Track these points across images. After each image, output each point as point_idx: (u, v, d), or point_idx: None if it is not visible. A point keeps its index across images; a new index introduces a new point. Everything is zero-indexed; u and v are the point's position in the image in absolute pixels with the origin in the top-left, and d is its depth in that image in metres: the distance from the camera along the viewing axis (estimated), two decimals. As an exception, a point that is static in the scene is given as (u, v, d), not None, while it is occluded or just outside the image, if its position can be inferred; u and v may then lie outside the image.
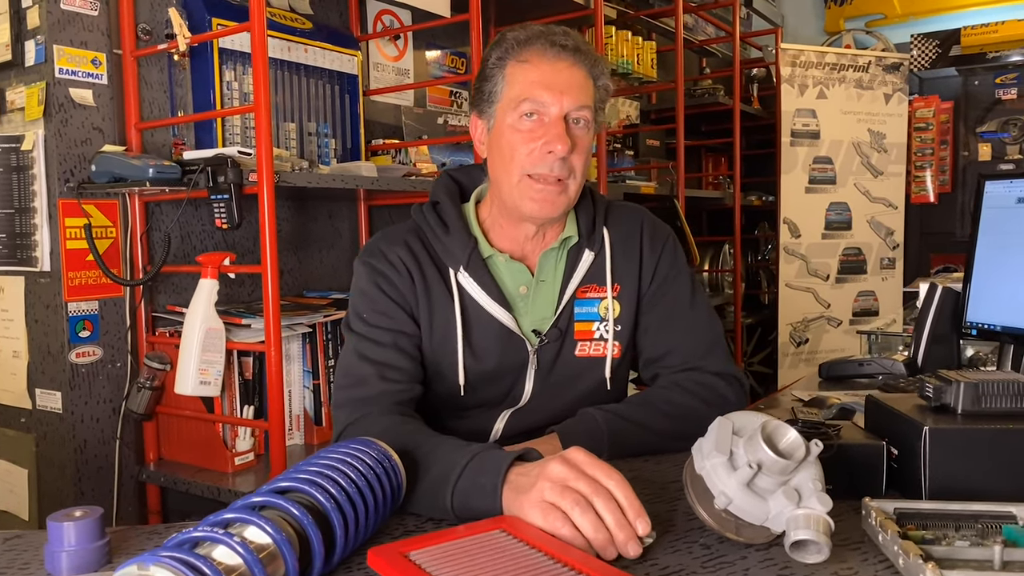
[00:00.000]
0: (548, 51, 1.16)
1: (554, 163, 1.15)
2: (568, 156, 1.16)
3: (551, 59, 1.16)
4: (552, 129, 1.14)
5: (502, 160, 1.19)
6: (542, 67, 1.15)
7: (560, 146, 1.13)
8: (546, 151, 1.14)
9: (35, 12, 1.83)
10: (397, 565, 0.72)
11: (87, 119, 1.88)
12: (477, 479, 0.89)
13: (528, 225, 1.23)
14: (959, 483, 0.90)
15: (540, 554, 0.75)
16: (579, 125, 1.17)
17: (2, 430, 2.05)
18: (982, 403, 0.95)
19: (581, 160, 1.18)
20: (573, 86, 1.16)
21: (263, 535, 0.67)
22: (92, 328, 1.90)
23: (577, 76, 1.17)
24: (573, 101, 1.15)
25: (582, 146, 1.18)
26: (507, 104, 1.17)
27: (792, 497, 0.78)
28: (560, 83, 1.15)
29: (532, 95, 1.15)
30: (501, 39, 1.19)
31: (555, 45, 1.16)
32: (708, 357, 1.26)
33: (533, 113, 1.15)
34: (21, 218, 1.89)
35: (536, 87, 1.15)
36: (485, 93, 1.20)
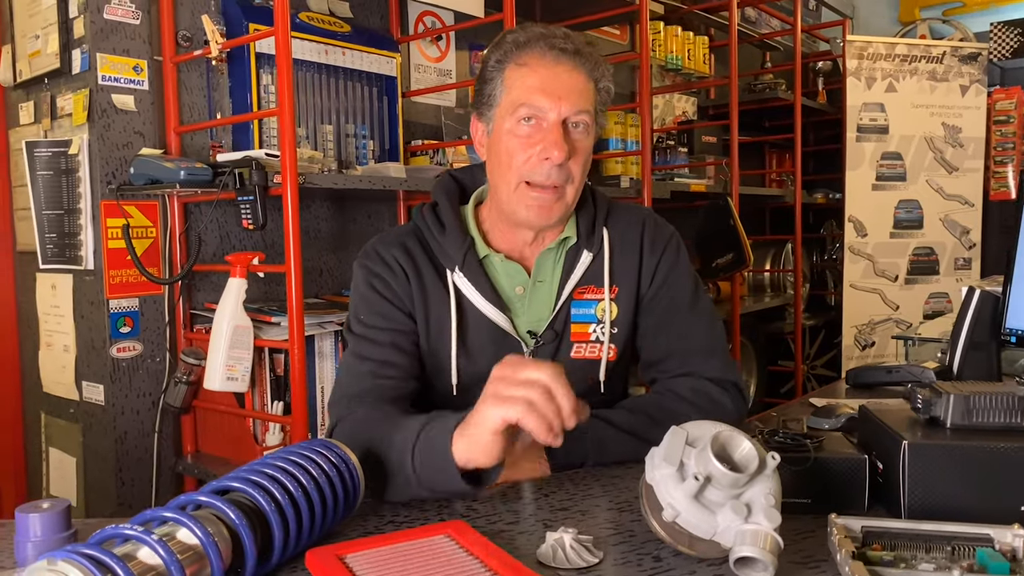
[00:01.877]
0: (547, 55, 1.14)
1: (551, 170, 1.14)
2: (566, 162, 1.14)
3: (550, 63, 1.14)
4: (549, 135, 1.13)
5: (499, 165, 1.18)
6: (541, 71, 1.14)
7: (557, 152, 1.12)
8: (543, 157, 1.13)
9: (80, 22, 1.92)
10: (329, 567, 0.73)
11: (128, 124, 1.96)
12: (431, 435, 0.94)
13: (525, 230, 1.22)
14: (941, 502, 0.86)
15: (476, 562, 0.74)
16: (578, 129, 1.16)
17: (55, 420, 2.15)
18: (973, 417, 0.90)
19: (579, 165, 1.17)
20: (572, 91, 1.14)
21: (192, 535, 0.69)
22: (133, 324, 1.98)
23: (577, 80, 1.15)
24: (572, 106, 1.13)
25: (581, 151, 1.16)
26: (505, 108, 1.16)
27: (740, 512, 0.76)
28: (559, 88, 1.13)
29: (530, 100, 1.13)
30: (501, 41, 1.18)
31: (554, 48, 1.14)
32: (706, 363, 1.22)
33: (531, 118, 1.14)
34: (69, 219, 1.99)
35: (534, 92, 1.13)
36: (484, 96, 1.19)
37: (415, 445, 0.94)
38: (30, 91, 2.11)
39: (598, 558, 0.80)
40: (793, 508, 0.92)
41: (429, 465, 0.92)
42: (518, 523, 0.91)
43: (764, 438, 0.97)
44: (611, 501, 0.98)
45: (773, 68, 4.30)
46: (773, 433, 0.97)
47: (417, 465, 0.93)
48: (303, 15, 2.24)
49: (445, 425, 0.93)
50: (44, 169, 2.00)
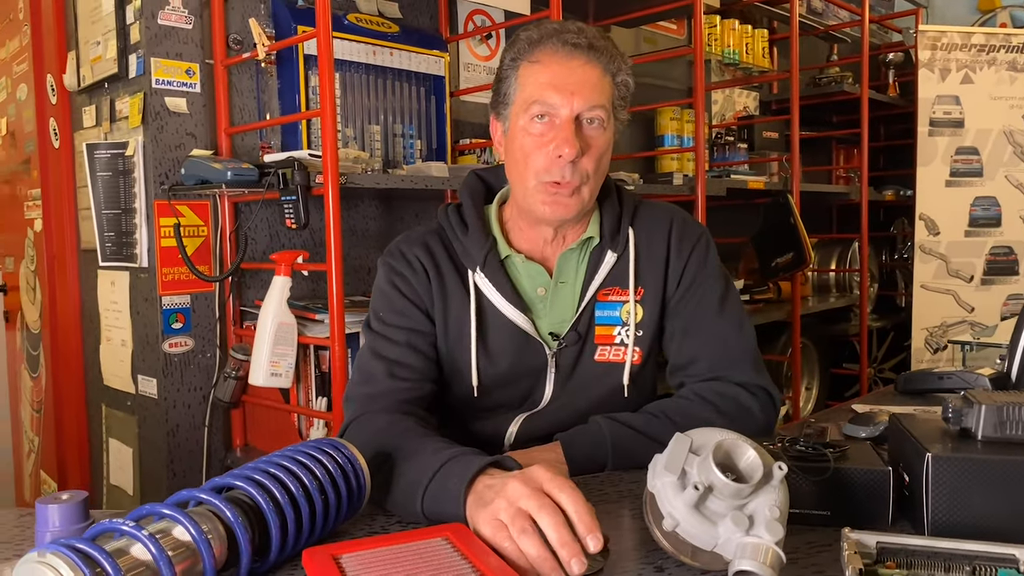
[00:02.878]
0: (560, 50, 1.13)
1: (564, 168, 1.12)
2: (579, 159, 1.12)
3: (563, 58, 1.13)
4: (561, 133, 1.11)
5: (515, 164, 1.17)
6: (553, 67, 1.13)
7: (568, 149, 1.10)
8: (555, 155, 1.12)
9: (136, 28, 1.98)
10: (322, 567, 0.73)
11: (181, 125, 2.02)
12: (447, 483, 0.89)
13: (545, 227, 1.21)
14: (968, 519, 0.81)
15: (469, 567, 0.73)
16: (593, 125, 1.14)
17: (113, 411, 2.24)
18: (1006, 429, 0.85)
19: (594, 162, 1.15)
20: (585, 85, 1.12)
21: (186, 532, 0.70)
22: (184, 320, 2.04)
23: (590, 74, 1.13)
24: (584, 101, 1.12)
25: (596, 147, 1.14)
26: (519, 106, 1.15)
27: (741, 523, 0.73)
28: (571, 83, 1.12)
29: (542, 96, 1.12)
30: (515, 39, 1.17)
31: (567, 44, 1.12)
32: (734, 367, 1.19)
33: (544, 115, 1.13)
34: (125, 218, 2.06)
35: (546, 88, 1.12)
36: (500, 95, 1.19)
37: (428, 486, 0.89)
38: (92, 95, 2.19)
39: (599, 566, 0.79)
40: (812, 520, 0.89)
41: (438, 509, 0.88)
42: (525, 527, 0.90)
43: (784, 446, 0.93)
44: (624, 508, 0.96)
45: (839, 61, 4.16)
46: (794, 441, 0.93)
47: (426, 507, 0.89)
48: (351, 16, 2.26)
49: (463, 473, 0.87)
50: (103, 170, 2.07)
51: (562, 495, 0.78)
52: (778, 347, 3.56)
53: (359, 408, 1.13)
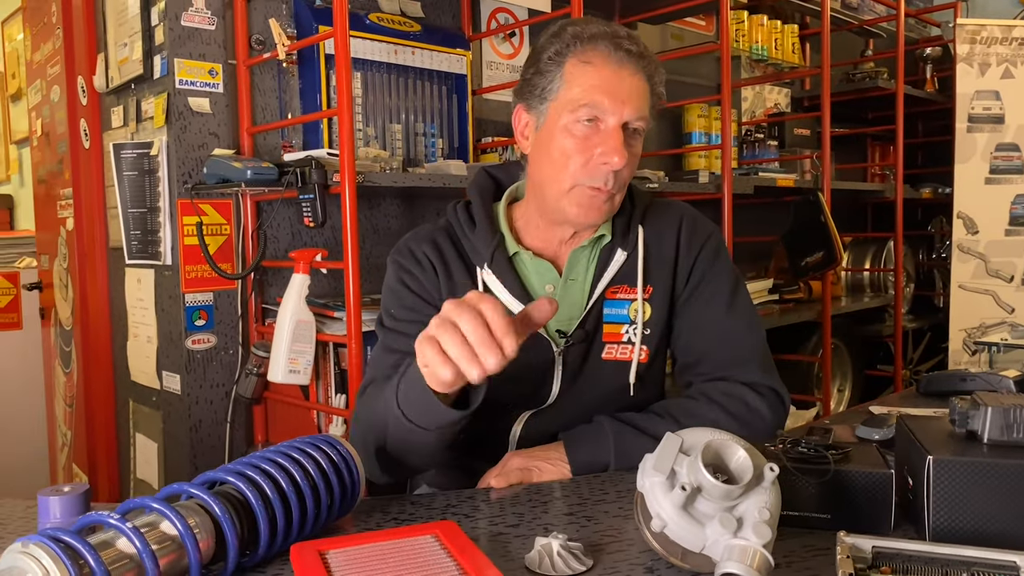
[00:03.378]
0: (613, 55, 1.11)
1: (608, 175, 1.11)
2: (621, 168, 1.12)
3: (616, 64, 1.11)
4: (610, 140, 1.10)
5: (551, 163, 1.15)
6: (605, 72, 1.11)
7: (618, 159, 1.10)
8: (601, 162, 1.11)
9: (161, 29, 2.02)
10: (308, 562, 0.73)
11: (204, 125, 2.05)
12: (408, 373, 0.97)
13: (566, 228, 1.20)
14: (970, 525, 0.79)
15: (454, 566, 0.73)
16: (635, 135, 1.14)
17: (140, 407, 2.28)
18: (1013, 432, 0.82)
19: (630, 169, 1.15)
20: (635, 95, 1.11)
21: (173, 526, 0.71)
22: (207, 317, 2.07)
23: (639, 85, 1.12)
24: (634, 111, 1.11)
25: (634, 156, 1.15)
26: (563, 104, 1.13)
27: (729, 525, 0.72)
28: (623, 91, 1.10)
29: (593, 100, 1.10)
30: (561, 32, 1.15)
31: (620, 49, 1.11)
32: (743, 366, 1.17)
33: (592, 119, 1.11)
34: (150, 216, 2.09)
35: (598, 92, 1.10)
36: (537, 88, 1.16)
37: (398, 388, 0.96)
38: (120, 96, 2.23)
39: (586, 566, 0.78)
40: (812, 523, 0.87)
41: (413, 403, 0.94)
42: (519, 526, 0.89)
43: (786, 447, 0.91)
44: (621, 508, 0.95)
45: (874, 56, 4.08)
46: (796, 443, 0.91)
47: (404, 407, 0.95)
48: (373, 16, 2.27)
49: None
50: (129, 169, 2.11)
51: (483, 304, 0.85)
52: (808, 348, 3.50)
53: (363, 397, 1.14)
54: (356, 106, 2.23)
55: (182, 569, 0.70)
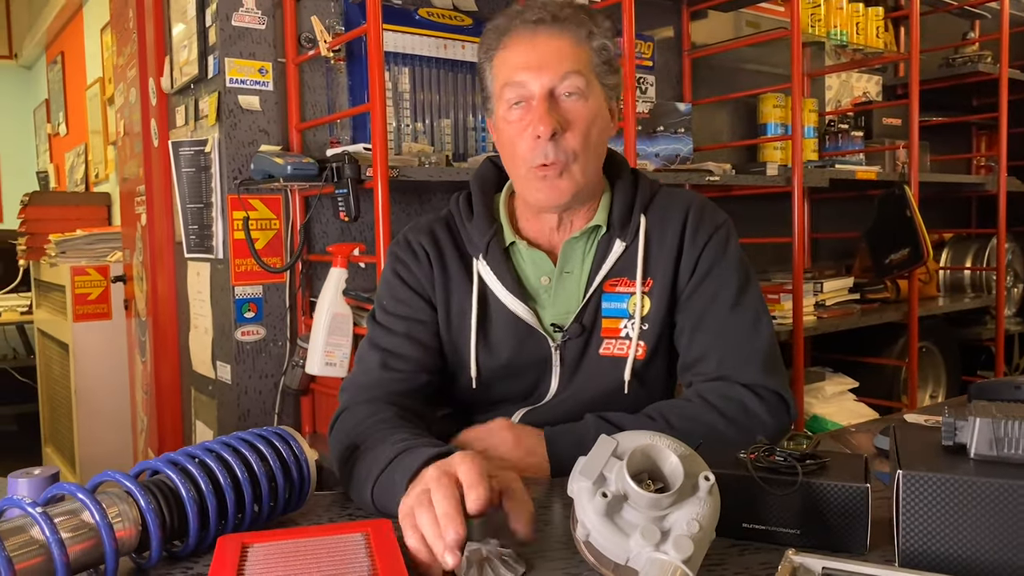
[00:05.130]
0: (523, 30, 1.10)
1: (546, 148, 1.07)
2: (561, 136, 1.08)
3: (527, 37, 1.10)
4: (535, 112, 1.08)
5: (505, 155, 1.16)
6: (518, 49, 1.10)
7: (543, 128, 1.06)
8: (534, 136, 1.07)
9: (213, 30, 2.08)
10: (225, 554, 0.73)
11: (254, 123, 2.10)
12: (394, 475, 0.87)
13: (550, 216, 1.17)
14: (944, 549, 0.71)
15: (366, 568, 0.71)
16: (572, 98, 1.09)
17: (199, 395, 2.36)
18: (1003, 447, 0.73)
19: (580, 137, 1.09)
20: (551, 58, 1.08)
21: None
22: (256, 310, 2.13)
23: (558, 45, 1.08)
24: (554, 73, 1.07)
25: (579, 120, 1.09)
26: (497, 96, 1.13)
27: (651, 537, 0.66)
28: (536, 59, 1.08)
29: (511, 80, 1.10)
30: (485, 32, 1.16)
31: (528, 23, 1.10)
32: (744, 367, 1.09)
33: (520, 100, 1.09)
34: (206, 212, 2.16)
35: (514, 71, 1.09)
36: (484, 90, 1.18)
37: (378, 477, 0.89)
38: (183, 96, 2.32)
39: (515, 574, 0.74)
40: (779, 539, 0.80)
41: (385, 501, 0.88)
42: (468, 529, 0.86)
43: (759, 455, 0.84)
44: (567, 515, 0.90)
45: (979, 39, 3.79)
46: (770, 451, 0.84)
47: (376, 498, 0.89)
48: (422, 11, 2.27)
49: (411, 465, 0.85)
50: (187, 166, 2.19)
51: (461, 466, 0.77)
52: (895, 351, 3.29)
53: (348, 398, 1.13)
54: (404, 101, 2.24)
55: (98, 557, 0.71)
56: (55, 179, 5.23)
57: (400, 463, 0.87)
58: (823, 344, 3.36)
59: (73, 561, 0.69)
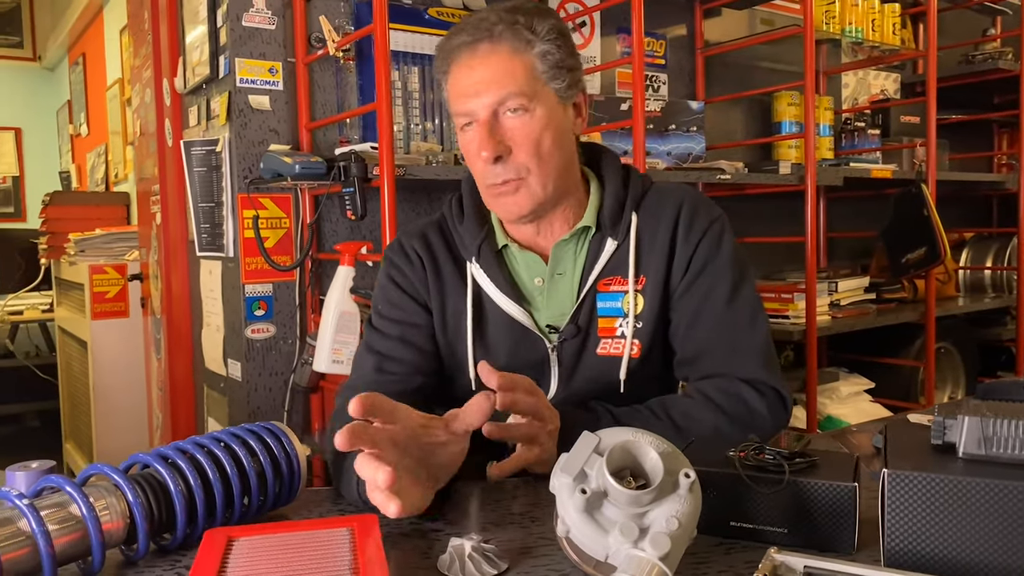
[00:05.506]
0: (463, 51, 1.08)
1: (494, 169, 1.08)
2: (508, 156, 1.08)
3: (467, 58, 1.08)
4: (475, 136, 1.08)
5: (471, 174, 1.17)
6: (459, 74, 1.09)
7: (485, 153, 1.06)
8: (482, 160, 1.08)
9: (224, 30, 2.10)
10: (209, 547, 0.73)
11: (264, 122, 2.12)
12: None
13: (522, 225, 1.17)
14: (930, 549, 0.70)
15: (347, 563, 0.71)
16: (516, 115, 1.07)
17: (211, 392, 2.39)
18: (992, 446, 0.72)
19: (527, 152, 1.08)
20: (488, 79, 1.06)
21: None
22: (266, 308, 2.14)
23: (495, 63, 1.06)
24: (492, 96, 1.06)
25: (526, 135, 1.07)
26: (455, 119, 1.14)
27: (630, 534, 0.66)
28: (475, 83, 1.07)
29: (457, 108, 1.10)
30: (436, 52, 1.15)
31: (466, 44, 1.08)
32: (742, 363, 1.09)
33: (470, 121, 1.09)
34: (217, 210, 2.19)
35: (458, 97, 1.09)
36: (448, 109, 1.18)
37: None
38: (196, 96, 2.34)
39: (498, 570, 0.74)
40: (766, 538, 0.79)
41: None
42: (453, 524, 0.86)
43: (748, 454, 0.84)
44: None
45: (999, 35, 3.74)
46: (760, 449, 0.84)
47: (362, 491, 0.88)
48: (433, 11, 2.28)
49: None
50: (199, 166, 2.21)
51: None
52: (912, 351, 3.25)
53: (341, 401, 1.14)
54: (413, 100, 2.25)
55: (85, 549, 0.72)
56: (77, 179, 5.31)
57: None
58: (839, 344, 3.34)
59: (60, 552, 0.70)
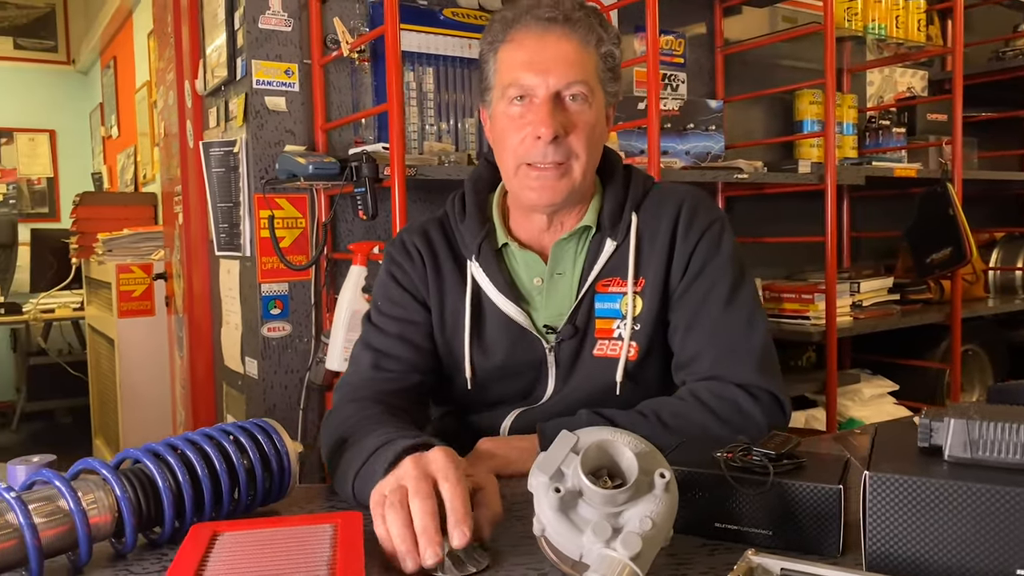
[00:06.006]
0: (534, 27, 1.09)
1: (546, 148, 1.07)
2: (564, 138, 1.07)
3: (538, 35, 1.09)
4: (538, 112, 1.07)
5: (499, 150, 1.15)
6: (527, 45, 1.09)
7: (545, 130, 1.06)
8: (534, 136, 1.07)
9: (241, 32, 2.12)
10: (193, 540, 0.75)
11: (280, 123, 2.14)
12: (374, 466, 0.88)
13: (538, 215, 1.16)
14: (911, 553, 0.69)
15: (325, 560, 0.72)
16: (575, 102, 1.09)
17: (230, 389, 2.42)
18: (977, 450, 0.71)
19: (582, 140, 1.09)
20: (560, 61, 1.07)
21: (67, 502, 0.74)
22: (282, 307, 2.17)
23: (567, 49, 1.08)
24: (561, 78, 1.07)
25: (582, 125, 1.09)
26: (498, 91, 1.12)
27: (602, 533, 0.66)
28: (545, 60, 1.07)
29: (517, 78, 1.09)
30: (492, 21, 1.15)
31: (540, 20, 1.09)
32: (738, 366, 1.08)
33: (522, 96, 1.09)
34: (234, 211, 2.21)
35: (521, 68, 1.08)
36: (483, 81, 1.17)
37: (359, 470, 0.90)
38: (215, 98, 2.38)
39: (477, 568, 0.74)
40: (751, 539, 0.79)
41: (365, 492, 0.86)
42: (442, 522, 0.87)
43: (736, 454, 0.83)
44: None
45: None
46: (747, 450, 0.83)
47: (356, 490, 0.90)
48: (448, 11, 2.29)
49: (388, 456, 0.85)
50: (217, 166, 2.24)
51: (445, 484, 0.76)
52: (938, 353, 3.19)
53: (339, 397, 1.15)
54: (428, 101, 2.26)
55: (73, 541, 0.73)
56: (108, 180, 5.41)
57: (381, 455, 0.88)
58: (863, 345, 3.29)
59: (47, 545, 0.72)
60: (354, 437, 0.98)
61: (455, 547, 0.73)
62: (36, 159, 5.85)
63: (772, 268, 3.11)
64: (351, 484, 0.91)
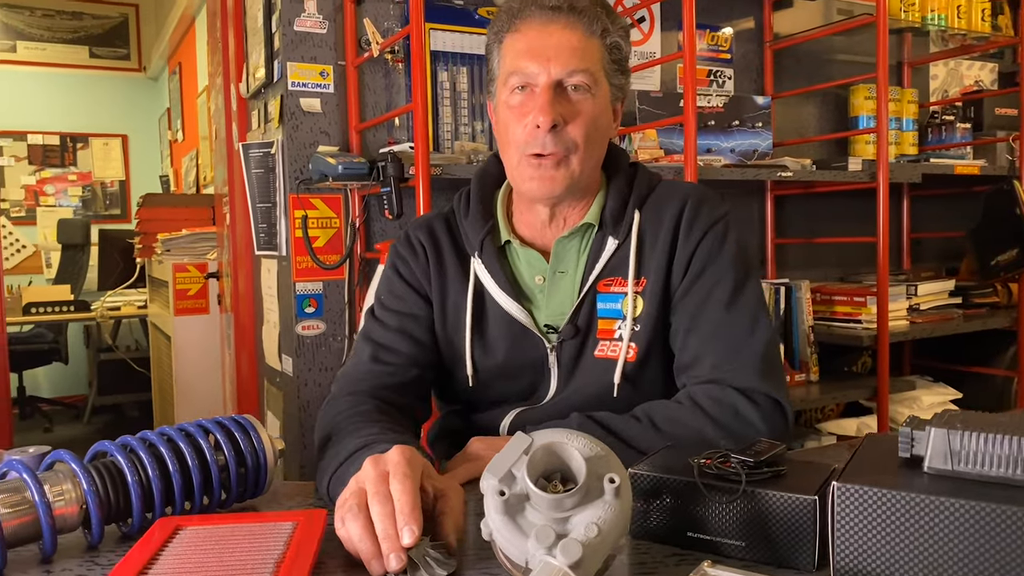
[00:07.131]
0: (538, 16, 1.07)
1: (545, 138, 1.05)
2: (563, 128, 1.05)
3: (541, 24, 1.07)
4: (536, 101, 1.05)
5: (501, 140, 1.13)
6: (530, 34, 1.07)
7: (543, 118, 1.03)
8: (533, 125, 1.05)
9: (278, 35, 2.16)
10: (153, 534, 0.75)
11: (315, 124, 2.17)
12: (350, 469, 0.87)
13: (541, 208, 1.14)
14: (879, 566, 0.64)
15: (274, 557, 0.71)
16: (578, 92, 1.06)
17: (270, 386, 2.46)
18: (959, 461, 0.66)
19: (582, 130, 1.06)
20: (563, 49, 1.05)
21: (33, 493, 0.76)
22: (317, 305, 2.19)
23: (570, 38, 1.06)
24: (563, 66, 1.05)
25: (583, 115, 1.06)
26: (502, 80, 1.11)
27: (544, 539, 0.63)
28: (547, 48, 1.05)
29: (518, 66, 1.07)
30: (498, 12, 1.13)
31: (544, 8, 1.07)
32: (739, 370, 1.03)
33: (524, 86, 1.07)
34: (272, 211, 2.25)
35: (522, 57, 1.07)
36: (489, 72, 1.16)
37: (336, 471, 0.90)
38: (256, 100, 2.42)
39: (443, 571, 0.73)
40: (723, 550, 0.75)
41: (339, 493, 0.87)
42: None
43: (714, 460, 0.79)
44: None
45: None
46: (725, 457, 0.79)
47: (332, 490, 0.90)
48: (483, 11, 2.28)
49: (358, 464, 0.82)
50: (256, 167, 2.28)
51: (393, 482, 0.74)
52: (1006, 360, 3.03)
53: (337, 389, 1.15)
54: (461, 101, 2.26)
55: (37, 531, 0.75)
56: (174, 182, 5.59)
57: (357, 459, 0.87)
58: (926, 351, 3.15)
59: (10, 534, 0.73)
60: (339, 435, 0.98)
61: (404, 545, 0.71)
62: (109, 163, 6.09)
63: (825, 269, 3.00)
64: (327, 484, 0.91)
